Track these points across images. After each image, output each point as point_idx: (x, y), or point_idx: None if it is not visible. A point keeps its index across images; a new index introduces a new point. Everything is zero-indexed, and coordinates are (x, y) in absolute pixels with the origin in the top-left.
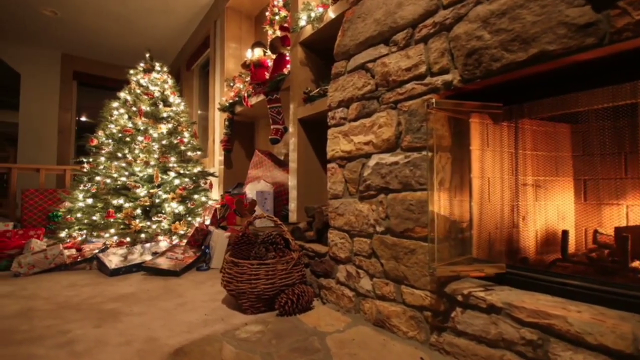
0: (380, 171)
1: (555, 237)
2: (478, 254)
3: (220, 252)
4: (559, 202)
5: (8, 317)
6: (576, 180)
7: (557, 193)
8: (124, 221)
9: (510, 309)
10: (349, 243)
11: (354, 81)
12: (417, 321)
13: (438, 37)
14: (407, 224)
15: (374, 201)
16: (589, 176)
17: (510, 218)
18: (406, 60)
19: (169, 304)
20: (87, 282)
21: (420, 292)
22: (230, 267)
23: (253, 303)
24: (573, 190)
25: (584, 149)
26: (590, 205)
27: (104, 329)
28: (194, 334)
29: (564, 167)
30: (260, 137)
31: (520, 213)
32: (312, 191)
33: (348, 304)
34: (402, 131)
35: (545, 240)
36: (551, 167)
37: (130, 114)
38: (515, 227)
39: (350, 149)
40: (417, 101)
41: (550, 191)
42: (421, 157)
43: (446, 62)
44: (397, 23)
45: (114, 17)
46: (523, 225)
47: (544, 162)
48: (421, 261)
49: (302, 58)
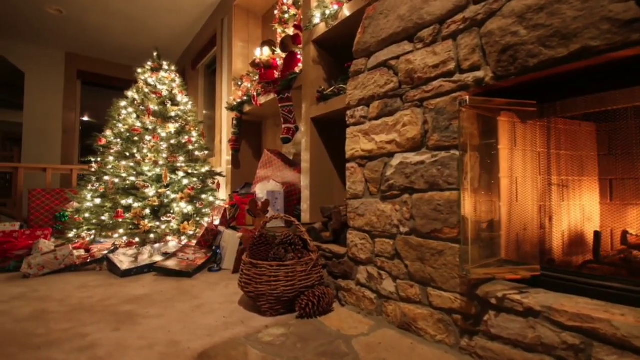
0: (404, 171)
1: (581, 238)
2: (507, 255)
3: (231, 252)
4: (584, 202)
5: (22, 320)
6: (601, 180)
7: (583, 193)
8: (133, 221)
9: (550, 312)
10: (370, 244)
11: (376, 79)
12: (445, 324)
13: (468, 33)
14: (434, 225)
15: (397, 201)
16: (615, 176)
17: (538, 219)
18: (433, 57)
19: (186, 306)
20: (99, 283)
21: (449, 295)
22: (248, 269)
23: (272, 305)
24: (598, 190)
25: (610, 148)
26: (616, 205)
27: (123, 332)
28: (215, 337)
29: (589, 166)
30: (268, 136)
31: (547, 213)
32: (324, 191)
33: (369, 306)
34: (429, 130)
35: (571, 241)
36: (577, 166)
37: (138, 113)
38: (542, 228)
39: (371, 148)
40: (445, 99)
41: (576, 191)
42: (450, 156)
43: (477, 58)
44: (424, 19)
45: (119, 16)
46: (550, 226)
47: (569, 161)
48: (450, 263)
49: (315, 56)
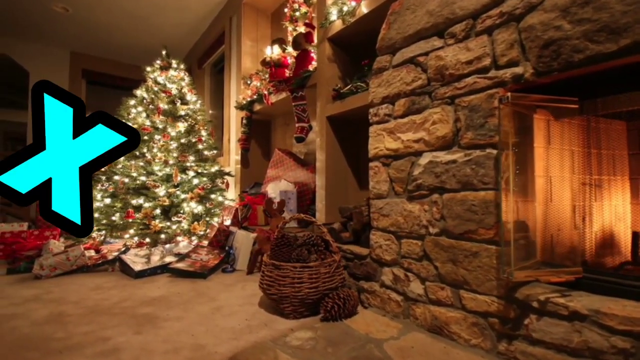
0: (434, 170)
1: (616, 238)
2: (542, 257)
3: (245, 253)
4: (617, 202)
5: (40, 323)
6: (632, 179)
7: (615, 193)
8: (144, 221)
9: (598, 316)
10: (396, 245)
11: (402, 76)
12: (480, 328)
13: (505, 27)
14: (468, 226)
15: (425, 201)
16: None
17: (573, 219)
18: (466, 53)
19: (205, 308)
20: (113, 284)
21: (484, 298)
22: (270, 270)
23: (296, 308)
24: (629, 190)
25: None
26: None
27: (146, 335)
28: (240, 340)
29: (621, 165)
30: (277, 135)
31: (581, 214)
32: (338, 191)
33: (396, 308)
34: (461, 128)
35: (605, 242)
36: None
37: (148, 112)
38: (576, 229)
39: (396, 147)
40: (480, 96)
41: (608, 191)
42: (485, 155)
43: (516, 54)
44: (455, 14)
45: (126, 14)
46: (584, 227)
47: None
48: (486, 265)
49: (330, 54)
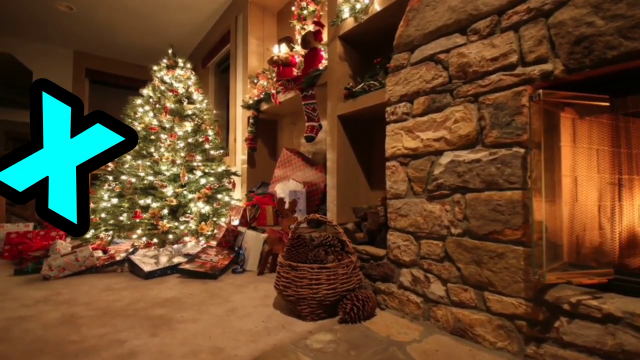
0: (456, 169)
1: None
2: (570, 258)
3: (255, 254)
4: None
5: (52, 325)
6: None
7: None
8: (151, 222)
9: (633, 318)
10: (415, 245)
11: (421, 74)
12: (506, 331)
13: (533, 23)
14: (493, 226)
15: (447, 201)
16: None
17: (599, 219)
18: (491, 50)
19: (219, 310)
20: (123, 285)
21: (511, 300)
22: (286, 271)
23: (314, 309)
24: None
25: None
26: None
27: (162, 338)
28: (259, 343)
29: None
30: (284, 135)
31: (607, 214)
32: (350, 191)
33: (415, 310)
34: (486, 126)
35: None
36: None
37: (155, 111)
38: (603, 230)
39: (415, 146)
40: (507, 93)
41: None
42: (512, 153)
43: (545, 50)
44: (479, 10)
45: (130, 13)
46: (612, 227)
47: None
48: (512, 266)
49: (341, 53)
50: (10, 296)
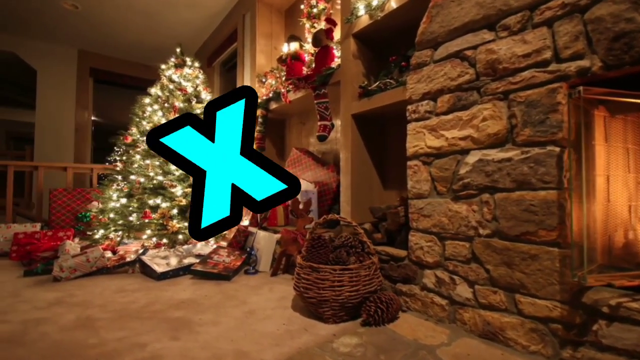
0: (484, 169)
1: None
2: (603, 259)
3: (267, 254)
4: None
5: (69, 328)
6: None
7: None
8: (161, 222)
9: None
10: (439, 246)
11: (446, 71)
12: (540, 334)
13: (568, 19)
14: (525, 227)
15: (474, 201)
16: None
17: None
18: (523, 46)
19: (238, 312)
20: (136, 287)
21: (545, 303)
22: (307, 273)
23: (336, 312)
24: None
25: None
26: None
27: (183, 341)
28: (283, 347)
29: None
30: (292, 134)
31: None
32: (364, 191)
33: (440, 312)
34: (517, 124)
35: None
36: None
37: (163, 111)
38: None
39: (439, 144)
40: (540, 90)
41: None
42: (546, 152)
43: (581, 46)
44: (510, 5)
45: (135, 12)
46: None
47: None
48: (547, 268)
49: (355, 51)
50: (23, 298)
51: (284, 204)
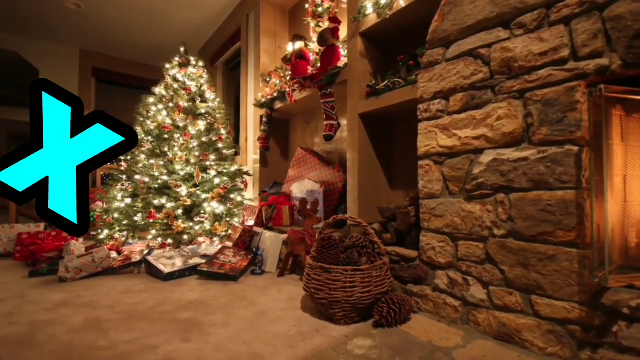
0: (499, 168)
1: None
2: (620, 260)
3: (273, 255)
4: None
5: (78, 330)
6: None
7: None
8: (166, 222)
9: None
10: (451, 247)
11: (459, 69)
12: (557, 336)
13: (587, 17)
14: (542, 227)
15: (488, 201)
16: None
17: None
18: (539, 44)
19: (247, 313)
20: (143, 287)
21: (562, 304)
22: (318, 274)
23: (347, 313)
24: None
25: None
26: None
27: (195, 343)
28: (297, 349)
29: None
30: (296, 134)
31: None
32: (371, 191)
33: (452, 314)
34: (534, 123)
35: None
36: None
37: (168, 110)
38: None
39: (452, 144)
40: (558, 89)
41: None
42: (564, 151)
43: (600, 44)
44: (526, 3)
45: (138, 11)
46: None
47: None
48: (565, 269)
49: (362, 50)
50: (29, 299)
51: (289, 204)
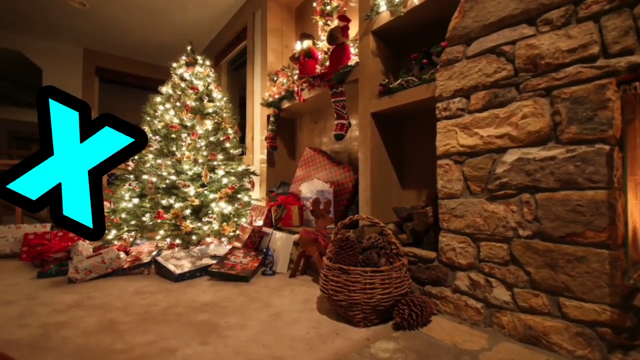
0: (524, 168)
1: None
2: None
3: (285, 255)
4: None
5: (92, 332)
6: None
7: None
8: (174, 222)
9: None
10: (473, 248)
11: (481, 67)
12: (586, 338)
13: (617, 14)
14: (571, 228)
15: (513, 201)
16: None
17: None
18: (567, 41)
19: (263, 315)
20: (154, 288)
21: (592, 306)
22: (337, 275)
23: (367, 315)
24: None
25: None
26: None
27: (214, 346)
28: (318, 352)
29: None
30: (303, 133)
31: None
32: (383, 191)
33: (474, 316)
34: (562, 121)
35: None
36: None
37: (175, 110)
38: None
39: (474, 143)
40: (587, 86)
41: None
42: (595, 150)
43: (632, 41)
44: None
45: (142, 10)
46: None
47: None
48: (595, 270)
49: (374, 48)
50: (40, 301)
51: (299, 204)
